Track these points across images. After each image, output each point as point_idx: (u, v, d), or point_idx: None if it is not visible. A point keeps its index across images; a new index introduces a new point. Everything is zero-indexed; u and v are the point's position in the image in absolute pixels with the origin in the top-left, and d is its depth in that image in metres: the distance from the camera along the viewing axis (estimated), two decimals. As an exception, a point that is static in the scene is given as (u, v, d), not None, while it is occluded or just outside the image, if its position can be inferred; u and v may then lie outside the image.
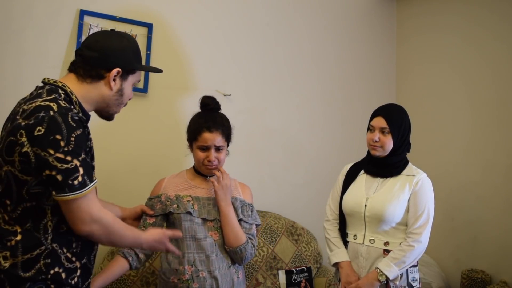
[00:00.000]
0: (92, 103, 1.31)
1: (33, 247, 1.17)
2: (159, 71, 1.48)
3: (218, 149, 1.72)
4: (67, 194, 1.12)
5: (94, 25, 2.21)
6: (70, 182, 1.12)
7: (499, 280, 2.53)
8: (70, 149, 1.12)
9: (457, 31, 2.91)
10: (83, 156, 1.16)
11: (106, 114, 1.37)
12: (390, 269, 1.73)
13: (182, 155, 2.49)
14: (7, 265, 1.15)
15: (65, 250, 1.21)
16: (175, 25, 2.47)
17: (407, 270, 1.79)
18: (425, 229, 1.76)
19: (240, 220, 1.74)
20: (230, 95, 2.56)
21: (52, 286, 1.19)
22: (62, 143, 1.11)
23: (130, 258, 1.65)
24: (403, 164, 1.88)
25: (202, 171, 1.76)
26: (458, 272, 2.72)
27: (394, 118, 1.83)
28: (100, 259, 2.11)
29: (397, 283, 1.76)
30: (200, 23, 2.56)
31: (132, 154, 2.35)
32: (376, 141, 1.83)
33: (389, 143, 1.82)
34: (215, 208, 1.71)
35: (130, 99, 1.40)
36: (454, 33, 2.93)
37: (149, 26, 2.36)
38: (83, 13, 2.19)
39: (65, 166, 1.11)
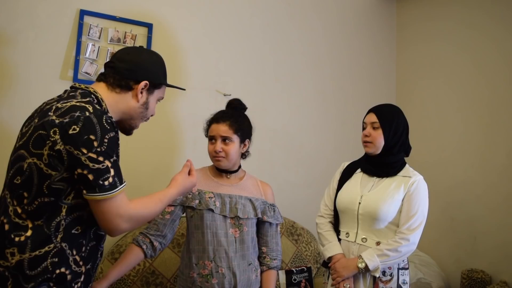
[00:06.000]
0: (118, 113, 1.34)
1: (42, 243, 1.17)
2: (183, 89, 1.63)
3: (224, 140, 1.71)
4: (97, 194, 1.14)
5: (94, 25, 2.21)
6: (101, 182, 1.14)
7: (499, 280, 2.53)
8: (103, 150, 1.15)
9: (456, 35, 2.93)
10: (114, 158, 1.18)
11: (128, 126, 1.40)
12: (372, 259, 1.71)
13: (181, 154, 2.50)
14: (13, 261, 1.15)
15: (74, 252, 1.21)
16: (175, 25, 2.48)
17: (398, 272, 1.77)
18: (415, 231, 1.72)
19: (262, 221, 1.78)
20: (230, 95, 2.56)
21: (55, 287, 1.18)
22: (95, 143, 1.14)
23: (144, 247, 1.65)
24: (400, 165, 1.86)
25: (214, 163, 1.77)
26: (458, 272, 2.72)
27: (385, 114, 1.83)
28: (100, 259, 2.11)
29: (377, 275, 1.73)
30: (200, 23, 2.57)
31: (131, 154, 2.34)
32: (366, 136, 1.84)
33: (379, 139, 1.81)
34: (236, 206, 1.72)
35: (152, 115, 1.44)
36: (454, 37, 2.94)
37: (149, 26, 2.36)
38: (83, 13, 2.19)
39: (96, 166, 1.13)
